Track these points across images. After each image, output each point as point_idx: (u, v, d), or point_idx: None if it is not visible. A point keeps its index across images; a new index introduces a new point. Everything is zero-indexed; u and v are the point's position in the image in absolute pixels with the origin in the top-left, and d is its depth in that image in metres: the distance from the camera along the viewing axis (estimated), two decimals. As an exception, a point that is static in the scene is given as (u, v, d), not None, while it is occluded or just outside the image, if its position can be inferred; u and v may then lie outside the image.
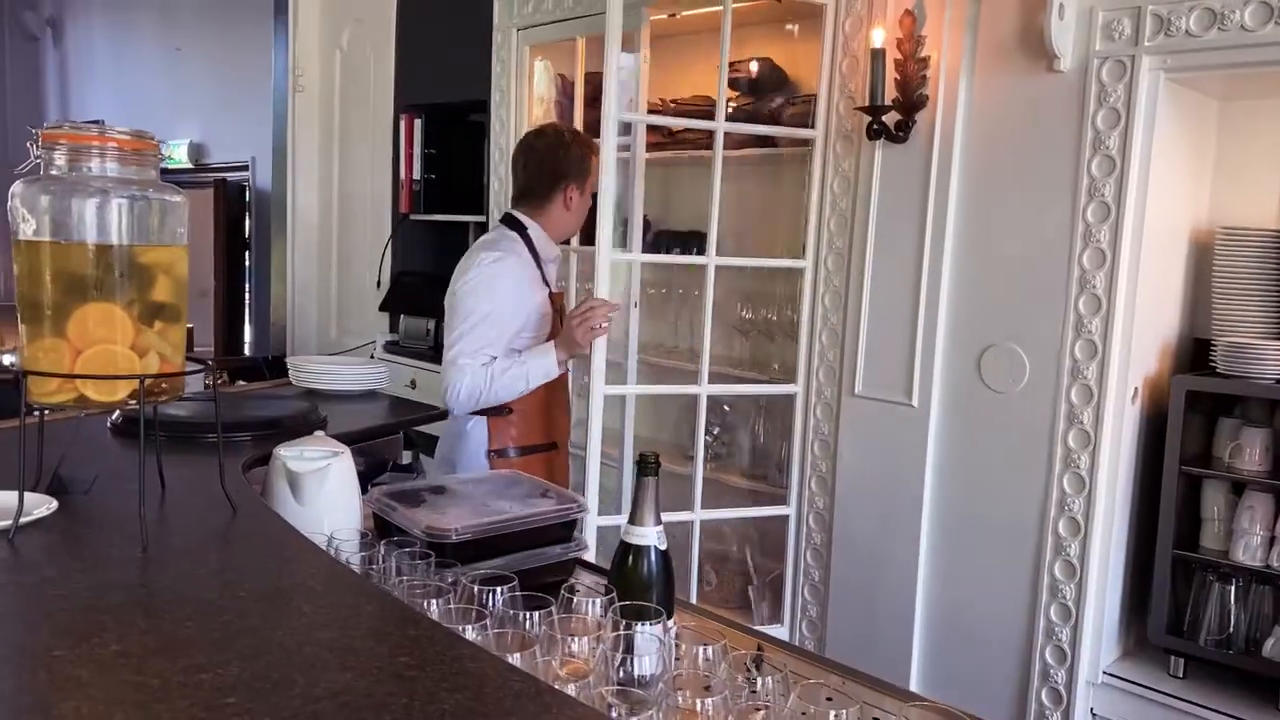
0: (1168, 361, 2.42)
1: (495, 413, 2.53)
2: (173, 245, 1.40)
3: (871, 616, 2.65)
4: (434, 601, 1.24)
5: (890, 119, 2.49)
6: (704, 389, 2.67)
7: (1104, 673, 2.34)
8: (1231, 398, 2.34)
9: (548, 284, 2.59)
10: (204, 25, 6.38)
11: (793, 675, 1.16)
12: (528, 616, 1.21)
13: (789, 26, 3.08)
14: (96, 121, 1.36)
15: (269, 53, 4.54)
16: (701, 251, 3.31)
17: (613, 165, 2.37)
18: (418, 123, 3.90)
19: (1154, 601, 2.31)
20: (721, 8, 2.99)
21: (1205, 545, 2.30)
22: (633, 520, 1.55)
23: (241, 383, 3.81)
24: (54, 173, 1.33)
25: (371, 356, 3.99)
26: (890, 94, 2.48)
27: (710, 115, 3.12)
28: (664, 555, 1.54)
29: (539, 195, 2.58)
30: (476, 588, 1.29)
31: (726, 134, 2.75)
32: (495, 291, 2.44)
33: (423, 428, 2.81)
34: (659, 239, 3.36)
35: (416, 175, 3.92)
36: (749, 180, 3.16)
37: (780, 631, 2.77)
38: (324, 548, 1.41)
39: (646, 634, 1.27)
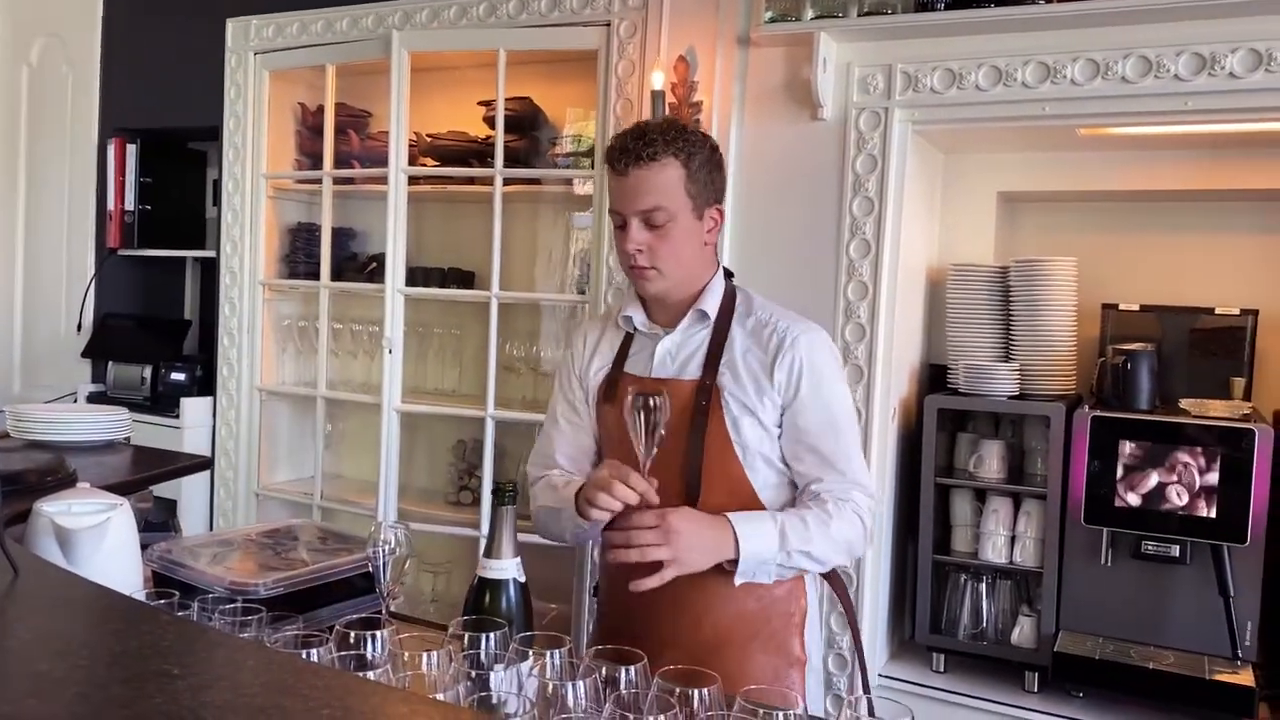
0: (914, 384, 2.67)
1: None
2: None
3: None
4: (313, 651, 1.10)
5: (666, 158, 2.58)
6: (489, 412, 2.62)
7: (879, 675, 2.52)
8: (966, 414, 2.62)
9: None
10: None
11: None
12: (425, 657, 1.11)
13: (545, 65, 3.10)
14: None
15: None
16: (462, 288, 3.24)
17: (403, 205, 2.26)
18: (130, 149, 3.51)
19: (918, 604, 2.53)
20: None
21: (956, 548, 2.55)
22: (489, 553, 1.48)
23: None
24: None
25: (71, 410, 3.50)
26: (665, 135, 2.57)
27: (472, 154, 3.11)
28: (523, 588, 1.48)
29: None
30: (354, 634, 1.17)
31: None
32: None
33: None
34: (413, 275, 3.22)
35: (129, 206, 3.52)
36: (515, 219, 3.14)
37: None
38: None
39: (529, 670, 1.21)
